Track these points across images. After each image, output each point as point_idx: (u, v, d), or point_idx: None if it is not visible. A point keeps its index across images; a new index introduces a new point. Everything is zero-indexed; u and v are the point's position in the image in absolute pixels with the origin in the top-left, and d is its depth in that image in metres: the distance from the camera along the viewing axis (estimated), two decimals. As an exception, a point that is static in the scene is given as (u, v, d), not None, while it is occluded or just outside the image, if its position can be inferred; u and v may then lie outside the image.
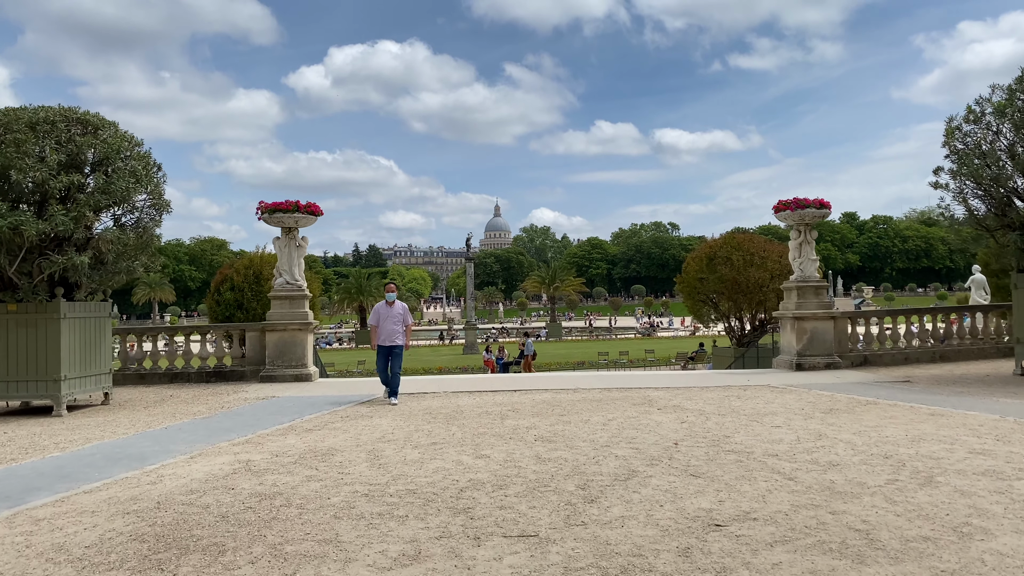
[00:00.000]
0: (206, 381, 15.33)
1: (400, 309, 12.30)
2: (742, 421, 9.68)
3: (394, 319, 12.15)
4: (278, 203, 15.03)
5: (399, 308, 12.28)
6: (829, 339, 15.84)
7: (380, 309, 12.34)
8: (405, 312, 12.34)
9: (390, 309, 12.22)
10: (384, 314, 12.19)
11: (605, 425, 9.48)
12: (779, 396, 12.02)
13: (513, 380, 14.79)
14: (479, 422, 9.91)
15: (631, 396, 12.29)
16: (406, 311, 12.34)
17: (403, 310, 12.31)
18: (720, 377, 14.93)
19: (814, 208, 15.73)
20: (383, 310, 12.27)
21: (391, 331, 12.12)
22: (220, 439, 9.17)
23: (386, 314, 12.17)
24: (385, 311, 12.22)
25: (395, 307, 12.28)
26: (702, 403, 11.37)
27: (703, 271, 23.41)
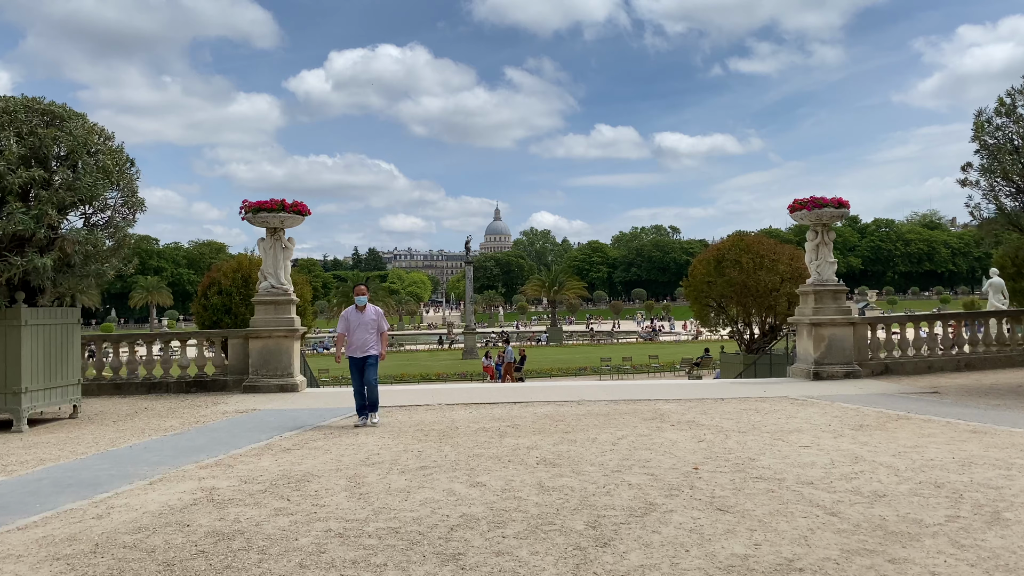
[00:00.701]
0: (186, 391, 14.40)
1: (373, 314, 10.67)
2: (765, 440, 8.76)
3: (366, 326, 10.59)
4: (262, 202, 14.13)
5: (372, 313, 10.68)
6: (848, 347, 14.92)
7: (349, 315, 10.68)
8: (379, 317, 10.75)
9: (361, 315, 10.62)
10: (354, 320, 10.61)
11: (615, 445, 8.56)
12: (801, 410, 11.10)
13: (512, 391, 13.87)
14: (475, 440, 8.99)
15: (640, 410, 11.37)
16: (380, 316, 10.77)
17: (376, 315, 10.71)
18: (734, 388, 14.01)
19: (832, 207, 14.83)
20: (353, 316, 10.64)
21: (363, 340, 10.57)
22: (187, 460, 8.26)
23: (357, 320, 10.60)
24: (355, 317, 10.62)
25: (367, 312, 10.65)
26: (719, 418, 10.45)
27: (711, 274, 22.49)
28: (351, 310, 10.73)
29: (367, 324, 10.60)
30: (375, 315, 10.72)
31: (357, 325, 10.57)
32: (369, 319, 10.64)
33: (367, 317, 10.63)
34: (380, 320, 10.76)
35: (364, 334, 10.59)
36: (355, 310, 10.68)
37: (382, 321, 10.79)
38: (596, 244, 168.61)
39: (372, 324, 10.65)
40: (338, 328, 10.86)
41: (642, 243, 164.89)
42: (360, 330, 10.55)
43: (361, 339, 10.56)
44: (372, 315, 10.68)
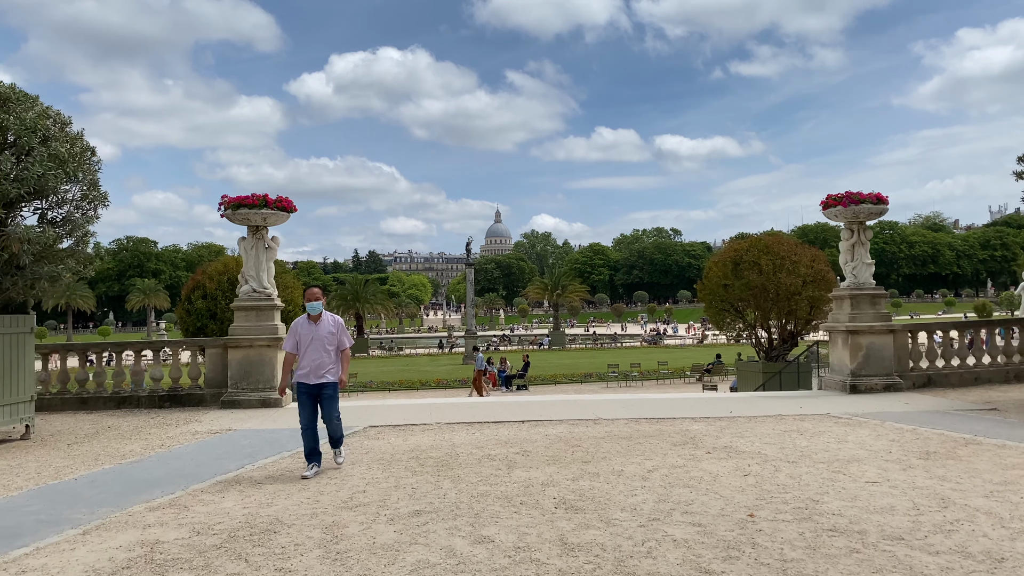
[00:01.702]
0: (158, 406, 13.04)
1: (331, 326, 8.03)
2: (823, 473, 7.40)
3: (322, 342, 7.94)
4: (243, 197, 12.79)
5: (329, 325, 8.02)
6: (888, 356, 13.55)
7: (300, 327, 8.01)
8: (340, 330, 8.10)
9: (315, 327, 7.96)
10: (306, 334, 7.95)
11: (645, 480, 7.21)
12: (850, 431, 9.74)
13: (520, 407, 12.50)
14: (479, 473, 7.63)
15: (666, 431, 10.01)
16: (341, 329, 8.12)
17: (336, 327, 8.07)
18: (764, 403, 12.65)
19: (870, 203, 13.47)
20: (304, 329, 7.98)
21: (318, 361, 7.91)
22: (137, 499, 6.91)
23: (309, 335, 7.94)
24: (307, 329, 7.96)
25: (323, 323, 8.00)
26: (758, 442, 9.09)
27: (727, 276, 21.12)
28: (301, 321, 8.05)
29: (323, 340, 7.96)
30: (334, 327, 8.04)
31: (310, 341, 7.93)
32: (325, 333, 7.97)
33: (323, 330, 7.97)
34: (341, 334, 8.10)
35: (319, 353, 7.93)
36: (307, 321, 8.00)
37: (343, 335, 8.13)
38: (597, 246, 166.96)
39: (329, 340, 7.99)
40: (284, 345, 8.13)
41: (643, 245, 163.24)
42: (314, 348, 7.93)
43: (315, 360, 7.92)
44: (330, 327, 8.01)
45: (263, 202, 12.72)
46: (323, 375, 7.98)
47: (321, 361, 7.97)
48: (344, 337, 8.16)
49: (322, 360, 7.97)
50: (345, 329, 8.24)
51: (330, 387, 8.04)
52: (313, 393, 8.01)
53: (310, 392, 8.01)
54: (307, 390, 8.01)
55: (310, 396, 8.01)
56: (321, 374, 7.98)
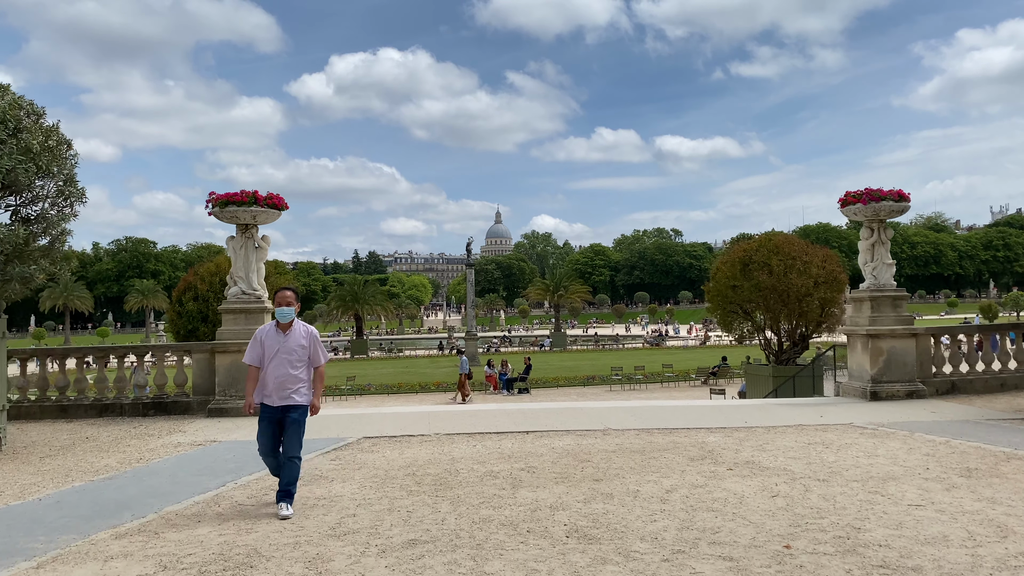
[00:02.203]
0: (142, 415, 12.38)
1: (303, 338, 6.67)
2: (858, 494, 6.74)
3: (291, 355, 6.59)
4: (231, 194, 12.13)
5: (301, 336, 6.68)
6: (910, 361, 12.89)
7: (265, 336, 6.70)
8: (313, 344, 6.73)
9: (284, 337, 6.63)
10: (272, 345, 6.62)
11: (665, 501, 6.54)
12: (879, 444, 9.07)
13: (523, 415, 11.84)
14: (481, 493, 6.96)
15: (681, 443, 9.35)
16: (315, 342, 6.76)
17: (308, 339, 6.71)
18: (782, 411, 11.99)
19: (891, 200, 12.82)
20: (270, 339, 6.65)
21: (283, 378, 6.57)
22: (104, 524, 6.25)
23: (276, 345, 6.61)
24: (274, 340, 6.63)
25: (293, 334, 6.66)
26: (783, 457, 8.42)
27: (736, 277, 20.44)
28: (267, 329, 6.73)
29: (292, 352, 6.58)
30: (306, 339, 6.67)
31: (275, 352, 6.57)
32: (296, 344, 6.61)
33: (293, 341, 6.61)
34: (315, 347, 6.72)
35: (286, 368, 6.56)
36: (274, 329, 6.67)
37: (317, 350, 6.74)
38: (598, 247, 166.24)
39: (299, 354, 6.62)
40: (247, 357, 6.74)
41: (644, 246, 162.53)
42: (280, 361, 6.55)
43: (280, 376, 6.55)
44: (302, 339, 6.65)
45: (252, 199, 12.07)
46: (290, 396, 6.58)
47: (286, 378, 6.57)
48: (319, 352, 6.75)
49: (288, 377, 6.58)
50: (320, 343, 6.83)
51: (297, 411, 6.61)
52: (274, 418, 6.62)
53: (271, 417, 6.61)
54: (269, 414, 6.61)
55: (272, 421, 6.61)
56: (287, 395, 6.58)
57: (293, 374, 6.62)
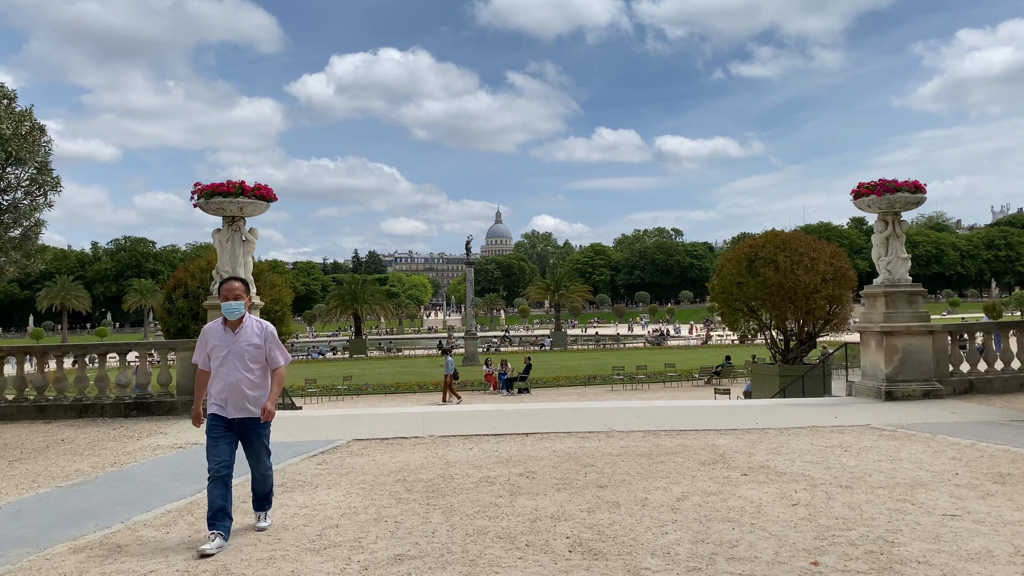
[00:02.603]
0: (124, 415, 11.84)
1: (256, 336, 5.64)
2: (886, 502, 6.20)
3: (242, 357, 5.57)
4: (218, 184, 11.60)
5: (253, 334, 5.64)
6: (927, 360, 12.35)
7: (211, 335, 5.68)
8: (269, 342, 5.69)
9: (232, 336, 5.60)
10: (221, 345, 5.60)
11: (676, 511, 6.01)
12: (901, 447, 8.53)
13: (523, 416, 11.30)
14: (476, 501, 6.42)
15: (690, 446, 8.81)
16: (271, 339, 5.72)
17: (263, 337, 5.67)
18: (794, 412, 11.45)
19: (907, 192, 12.28)
20: (218, 337, 5.63)
21: (234, 383, 5.54)
22: (64, 535, 5.71)
23: (226, 346, 5.59)
24: (222, 338, 5.62)
25: (244, 332, 5.62)
26: (799, 461, 7.88)
27: (742, 274, 19.89)
28: (214, 328, 5.71)
29: (243, 354, 5.56)
30: (260, 337, 5.64)
31: (225, 353, 5.55)
32: (247, 344, 5.57)
33: (244, 340, 5.58)
34: (271, 346, 5.67)
35: (237, 373, 5.54)
36: (222, 327, 5.65)
37: (274, 349, 5.69)
38: (599, 247, 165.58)
39: (253, 354, 5.59)
40: (195, 358, 5.80)
41: (645, 245, 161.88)
42: (230, 365, 5.54)
43: (230, 381, 5.52)
44: (254, 337, 5.61)
45: (239, 190, 11.53)
46: (246, 406, 5.56)
47: (237, 382, 5.52)
48: (276, 351, 5.71)
49: (240, 381, 5.53)
50: (277, 340, 5.79)
51: (252, 423, 5.64)
52: (228, 430, 5.59)
53: (224, 430, 5.58)
54: (223, 426, 5.58)
55: (227, 434, 5.58)
56: (243, 404, 5.55)
57: (248, 379, 5.57)
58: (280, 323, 19.53)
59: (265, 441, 5.81)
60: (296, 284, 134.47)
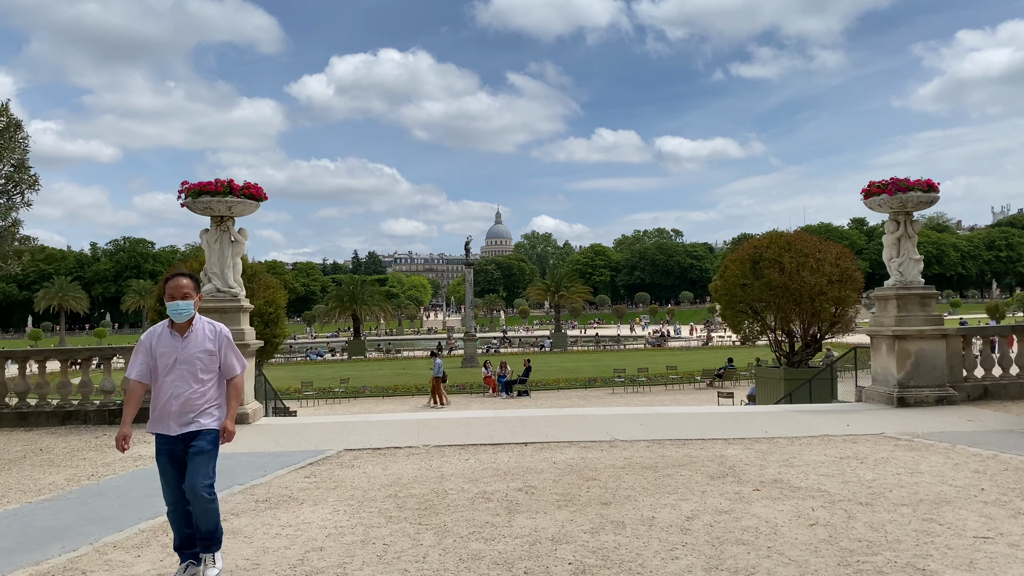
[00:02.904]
0: (108, 422, 11.43)
1: (209, 341, 4.86)
2: (910, 521, 5.77)
3: (191, 365, 4.78)
4: (205, 183, 11.18)
5: (206, 339, 4.86)
6: (940, 364, 11.93)
7: (155, 341, 4.83)
8: (224, 347, 4.92)
9: (180, 341, 4.80)
10: (165, 352, 4.79)
11: (686, 532, 5.58)
12: (921, 459, 8.11)
13: (522, 424, 10.87)
14: (472, 521, 6.00)
15: (697, 457, 8.38)
16: (226, 344, 4.93)
17: (217, 341, 4.89)
18: (803, 419, 11.04)
19: (920, 191, 11.86)
20: (162, 343, 4.81)
21: (182, 395, 4.74)
22: (26, 559, 5.30)
23: (170, 352, 4.78)
24: (168, 344, 4.80)
25: (195, 336, 4.83)
26: (814, 474, 7.46)
27: (746, 276, 19.46)
28: (158, 331, 4.85)
29: (194, 362, 4.77)
30: (214, 342, 4.86)
31: (172, 364, 4.74)
32: (198, 350, 4.79)
33: (195, 346, 4.79)
34: (226, 352, 4.90)
35: (186, 384, 4.74)
36: (168, 331, 4.82)
37: (230, 354, 4.92)
38: (599, 247, 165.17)
39: (207, 361, 4.81)
40: (130, 369, 4.86)
41: (645, 246, 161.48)
42: (179, 375, 4.74)
43: (179, 394, 4.71)
44: (206, 343, 4.82)
45: (228, 188, 11.12)
46: (193, 419, 4.73)
47: (187, 396, 4.71)
48: (232, 357, 4.91)
49: (194, 395, 4.73)
50: (233, 345, 4.99)
51: (205, 437, 4.75)
52: (174, 450, 4.73)
53: (173, 450, 4.74)
54: (168, 446, 4.73)
55: (174, 456, 4.74)
56: (187, 419, 4.72)
57: (199, 390, 4.76)
58: (275, 325, 19.11)
59: (211, 460, 4.78)
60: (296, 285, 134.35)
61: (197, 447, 4.75)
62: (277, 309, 18.90)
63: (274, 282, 19.56)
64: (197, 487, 4.69)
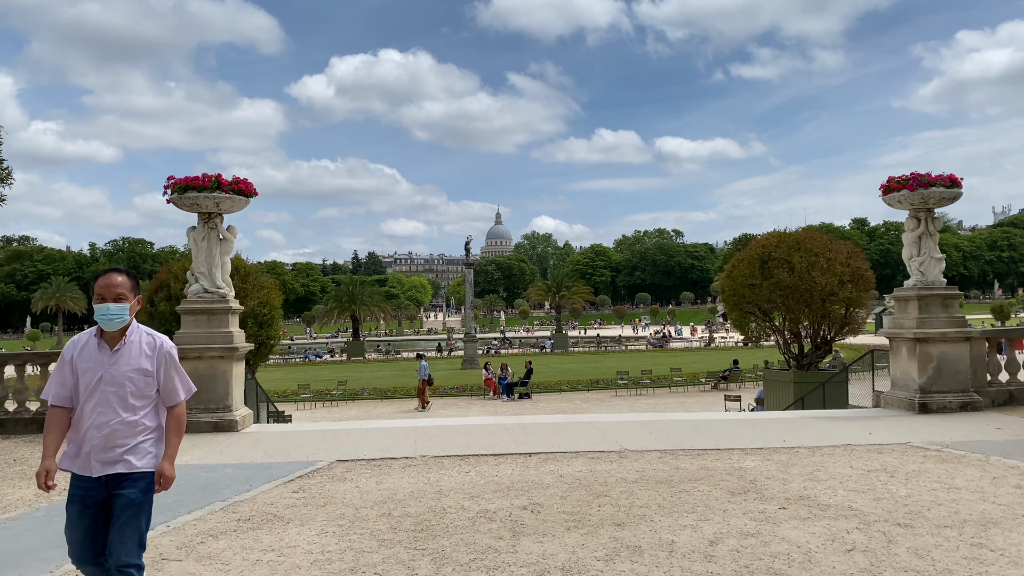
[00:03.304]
0: (90, 430, 10.85)
1: (145, 358, 3.81)
2: (958, 547, 5.22)
3: (120, 386, 3.73)
4: (192, 178, 10.64)
5: (142, 353, 3.81)
6: (964, 369, 11.38)
7: (79, 353, 3.80)
8: (164, 364, 3.87)
9: (110, 356, 3.76)
10: (88, 369, 3.74)
11: (710, 560, 5.02)
12: (955, 472, 7.55)
13: (525, 431, 10.30)
14: (472, 545, 5.44)
15: (714, 470, 7.83)
16: (167, 361, 3.88)
17: (156, 358, 3.84)
18: (821, 426, 10.49)
19: (942, 187, 11.31)
20: (87, 357, 3.78)
21: (110, 428, 3.69)
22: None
23: (95, 369, 3.73)
24: (94, 359, 3.76)
25: (128, 348, 3.79)
26: (842, 489, 6.90)
27: (754, 276, 18.90)
28: (83, 341, 3.86)
29: (124, 383, 3.76)
30: (153, 358, 3.86)
31: (96, 383, 3.73)
32: (130, 368, 3.79)
33: (127, 362, 3.79)
34: (167, 371, 3.89)
35: (112, 411, 3.74)
36: (95, 340, 3.82)
37: (173, 374, 3.92)
38: (599, 247, 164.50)
39: (140, 383, 3.81)
40: (46, 390, 3.88)
41: (645, 246, 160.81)
42: (104, 398, 3.73)
43: (98, 422, 3.71)
44: (142, 358, 3.83)
45: (215, 184, 10.57)
46: (120, 457, 3.70)
47: (116, 430, 3.71)
48: (176, 380, 3.91)
49: (122, 426, 3.72)
50: (177, 364, 3.95)
51: (136, 485, 3.73)
52: (98, 499, 3.72)
53: (91, 498, 3.72)
54: (84, 492, 3.73)
55: (88, 503, 3.73)
56: (116, 455, 3.70)
57: (129, 420, 3.74)
58: (269, 327, 18.55)
59: (141, 519, 3.75)
60: (295, 285, 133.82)
61: (125, 498, 3.68)
62: (272, 310, 18.34)
63: (268, 282, 19.00)
64: (122, 563, 3.65)
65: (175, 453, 3.92)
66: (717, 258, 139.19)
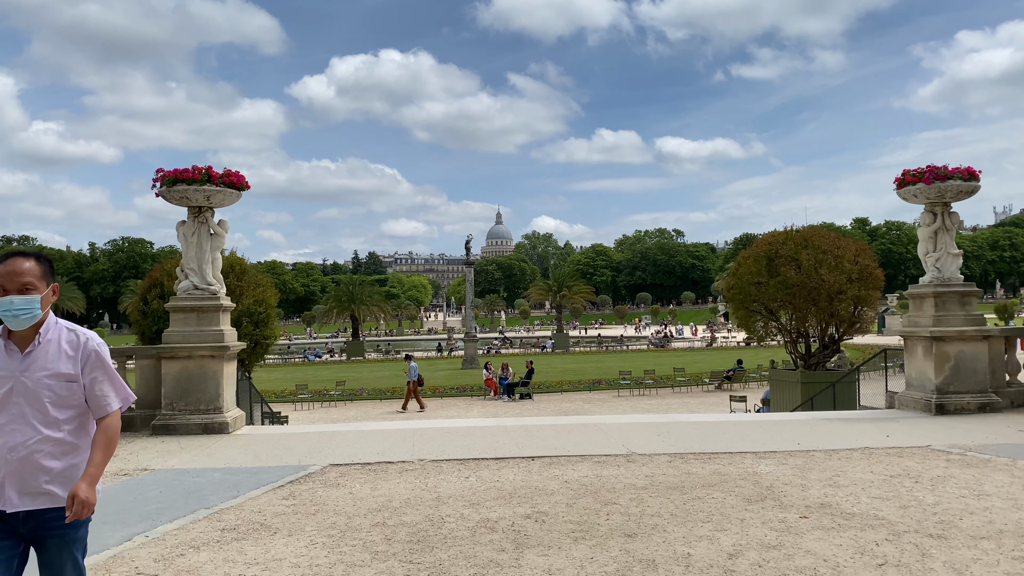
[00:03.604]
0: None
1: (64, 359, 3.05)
2: (999, 561, 4.82)
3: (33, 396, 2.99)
4: (181, 171, 10.26)
5: (62, 354, 3.06)
6: (982, 368, 10.99)
7: None
8: (91, 367, 3.08)
9: (20, 359, 3.02)
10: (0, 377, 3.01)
11: (730, 575, 4.63)
12: (982, 476, 7.15)
13: (527, 434, 9.91)
14: (472, 559, 5.04)
15: (727, 475, 7.42)
16: (94, 362, 3.09)
17: (80, 358, 3.07)
18: (836, 428, 10.09)
19: (959, 180, 10.91)
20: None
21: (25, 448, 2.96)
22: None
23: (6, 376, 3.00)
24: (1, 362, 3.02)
25: (44, 348, 3.04)
26: (865, 496, 6.50)
27: (760, 273, 18.49)
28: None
29: (39, 393, 3.00)
30: (76, 359, 3.08)
31: (7, 394, 2.98)
32: (48, 374, 3.03)
33: (42, 367, 3.03)
34: (96, 376, 3.10)
35: (26, 427, 2.97)
36: (1, 343, 3.04)
37: (102, 379, 3.11)
38: (600, 247, 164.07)
39: (60, 390, 3.04)
40: None
41: (646, 246, 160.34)
42: (15, 413, 2.98)
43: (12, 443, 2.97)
44: (62, 361, 3.05)
45: (206, 176, 10.19)
46: (43, 487, 3.00)
47: (33, 450, 2.99)
48: (106, 385, 3.13)
49: (37, 446, 3.00)
50: (108, 365, 3.18)
51: (60, 522, 3.00)
52: (14, 539, 3.02)
53: (7, 533, 3.00)
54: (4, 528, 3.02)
55: (6, 541, 3.00)
56: (37, 485, 2.99)
57: (49, 438, 3.01)
58: (265, 326, 18.12)
59: (75, 551, 3.09)
60: (295, 285, 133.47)
61: (58, 538, 2.99)
62: (268, 309, 17.91)
63: (264, 280, 18.57)
64: None
65: (98, 473, 3.05)
66: (718, 258, 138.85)
